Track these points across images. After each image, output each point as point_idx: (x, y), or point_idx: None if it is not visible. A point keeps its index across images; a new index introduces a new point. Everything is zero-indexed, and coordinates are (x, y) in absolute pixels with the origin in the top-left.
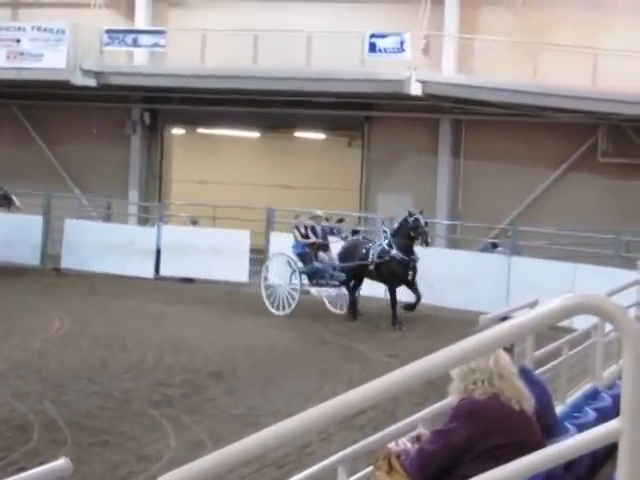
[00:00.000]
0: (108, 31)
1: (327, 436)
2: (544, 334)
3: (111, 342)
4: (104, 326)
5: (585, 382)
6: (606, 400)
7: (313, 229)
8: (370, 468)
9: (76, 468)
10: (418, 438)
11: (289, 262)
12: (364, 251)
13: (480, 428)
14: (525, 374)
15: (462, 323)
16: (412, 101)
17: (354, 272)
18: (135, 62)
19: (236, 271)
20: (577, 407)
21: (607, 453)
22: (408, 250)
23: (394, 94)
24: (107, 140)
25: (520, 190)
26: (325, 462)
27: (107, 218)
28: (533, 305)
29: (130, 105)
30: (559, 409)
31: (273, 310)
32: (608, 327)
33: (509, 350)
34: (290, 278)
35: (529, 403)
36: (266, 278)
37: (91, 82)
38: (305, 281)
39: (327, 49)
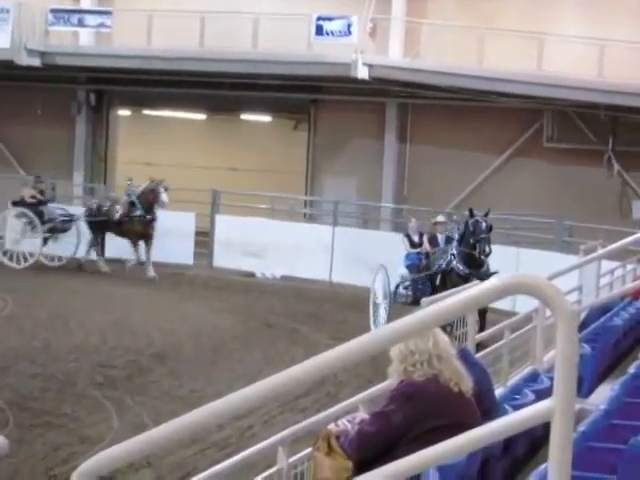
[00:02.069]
0: (53, 11)
1: (269, 418)
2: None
3: (55, 323)
4: (48, 307)
5: (526, 365)
6: (545, 382)
7: (432, 238)
8: (310, 449)
9: (17, 449)
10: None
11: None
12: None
13: (419, 410)
14: (464, 356)
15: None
16: (359, 84)
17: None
18: (81, 42)
19: (181, 253)
20: (516, 389)
21: (546, 434)
22: (471, 261)
23: (340, 77)
24: (52, 121)
25: (466, 174)
26: (265, 442)
27: (52, 200)
28: None
29: (75, 86)
30: (499, 392)
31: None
32: (549, 312)
33: (448, 332)
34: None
35: (468, 385)
36: (375, 295)
37: (36, 62)
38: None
39: (274, 32)
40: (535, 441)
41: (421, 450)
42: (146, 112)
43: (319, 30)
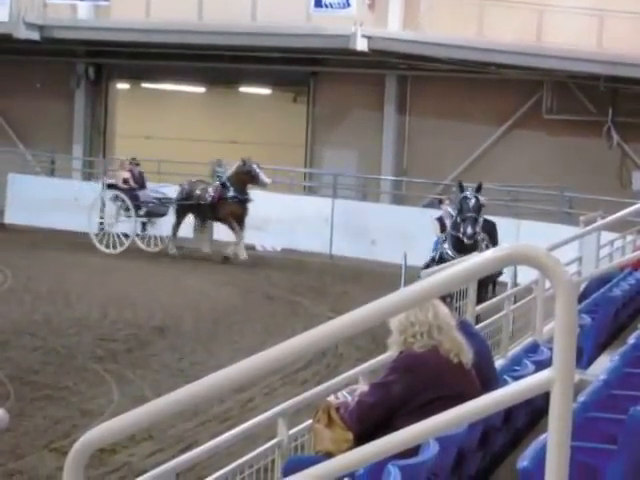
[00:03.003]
0: None
1: (270, 391)
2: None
3: (55, 297)
4: (48, 281)
5: (526, 337)
6: (545, 353)
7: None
8: (310, 421)
9: (19, 422)
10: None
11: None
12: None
13: (418, 381)
14: (464, 327)
15: (406, 278)
16: (358, 57)
17: None
18: (79, 16)
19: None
20: (517, 361)
21: (546, 406)
22: (459, 244)
23: (340, 49)
24: (51, 94)
25: (465, 146)
26: (265, 414)
27: (51, 173)
28: None
29: (74, 59)
30: (499, 363)
31: None
32: (549, 283)
33: (448, 303)
34: None
35: (468, 356)
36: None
37: (34, 36)
38: None
39: (273, 4)
40: (535, 412)
41: (420, 421)
42: (145, 85)
43: (318, 2)
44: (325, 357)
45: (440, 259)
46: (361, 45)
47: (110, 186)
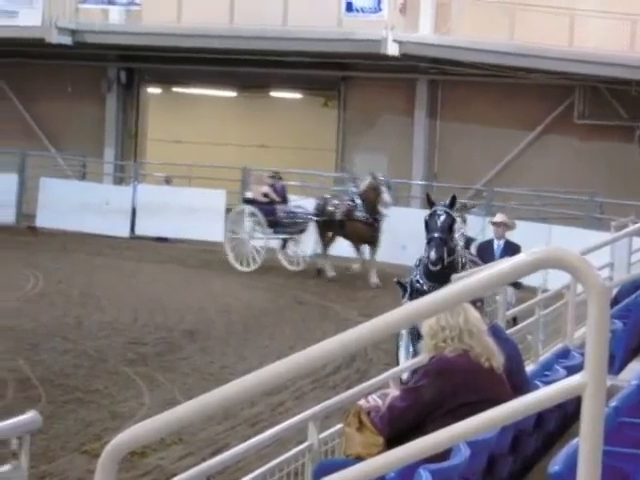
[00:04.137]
0: None
1: (300, 395)
2: (518, 296)
3: (85, 301)
4: (79, 285)
5: (557, 342)
6: (576, 359)
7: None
8: (340, 425)
9: (50, 425)
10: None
11: None
12: None
13: (450, 385)
14: (496, 332)
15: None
16: (389, 61)
17: None
18: (111, 20)
19: (211, 231)
20: (548, 366)
21: (577, 411)
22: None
23: (371, 54)
24: (83, 98)
25: (496, 151)
26: (296, 418)
27: (82, 177)
28: None
29: (106, 64)
30: (530, 368)
31: None
32: (581, 288)
33: (479, 308)
34: None
35: (499, 360)
36: None
37: (66, 40)
38: None
39: (304, 8)
40: (566, 417)
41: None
42: (176, 89)
43: (349, 6)
44: (355, 362)
45: (411, 289)
46: (392, 50)
47: (248, 201)
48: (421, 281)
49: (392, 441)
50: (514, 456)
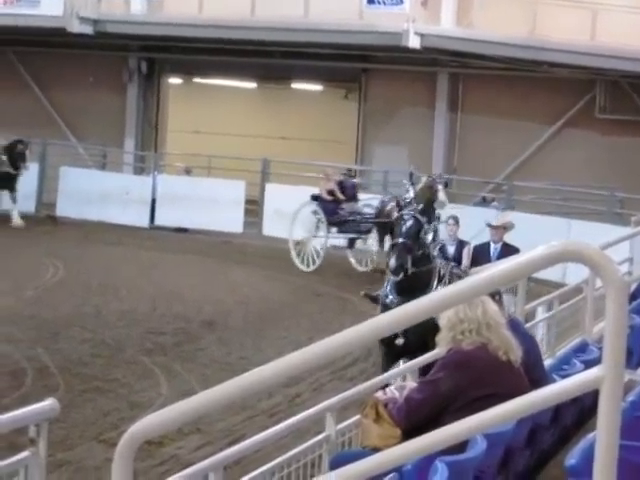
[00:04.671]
0: None
1: (318, 386)
2: (536, 290)
3: (104, 290)
4: (98, 274)
5: (575, 336)
6: (594, 353)
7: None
8: (358, 417)
9: (67, 414)
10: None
11: None
12: None
13: (467, 378)
14: (514, 326)
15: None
16: (410, 54)
17: None
18: (132, 10)
19: (231, 222)
20: (565, 360)
21: (594, 405)
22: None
23: (392, 47)
24: (103, 88)
25: (516, 145)
26: (313, 409)
27: (102, 167)
28: None
29: (127, 54)
30: (548, 362)
31: None
32: (599, 283)
33: (497, 301)
34: None
35: (517, 354)
36: None
37: (88, 30)
38: None
39: (325, 0)
40: (583, 412)
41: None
42: (197, 80)
43: None
44: (372, 355)
45: (381, 303)
46: (413, 42)
47: (314, 198)
48: (389, 294)
49: (409, 433)
50: (531, 449)
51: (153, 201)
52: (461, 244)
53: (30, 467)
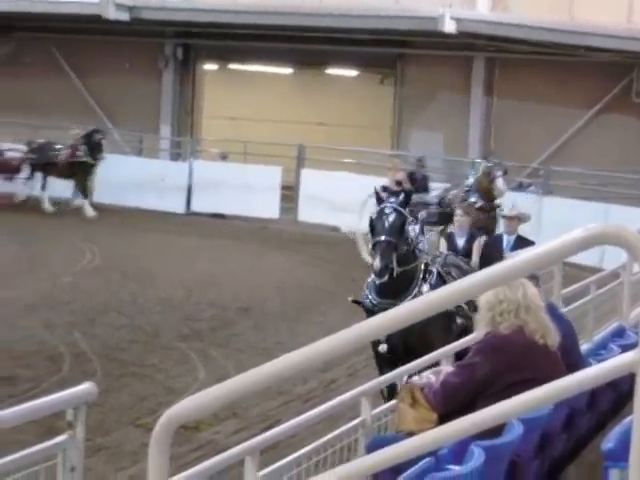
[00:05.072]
0: None
1: (354, 372)
2: (573, 275)
3: (141, 276)
4: (134, 261)
5: (612, 321)
6: (632, 338)
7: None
8: (393, 401)
9: (105, 399)
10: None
11: None
12: None
13: (503, 362)
14: (551, 310)
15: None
16: (446, 39)
17: None
18: None
19: (267, 207)
20: (602, 345)
21: (631, 391)
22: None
23: (428, 31)
24: (139, 75)
25: (553, 129)
26: (349, 394)
27: (139, 153)
28: None
29: (163, 40)
30: (585, 347)
31: None
32: (637, 268)
33: (536, 285)
34: None
35: (554, 338)
36: None
37: (124, 16)
38: None
39: None
40: (620, 397)
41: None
42: (232, 66)
43: None
44: None
45: (365, 307)
46: (449, 27)
47: (383, 189)
48: (370, 297)
49: (445, 418)
50: (568, 434)
51: (189, 187)
52: (472, 236)
53: (68, 450)
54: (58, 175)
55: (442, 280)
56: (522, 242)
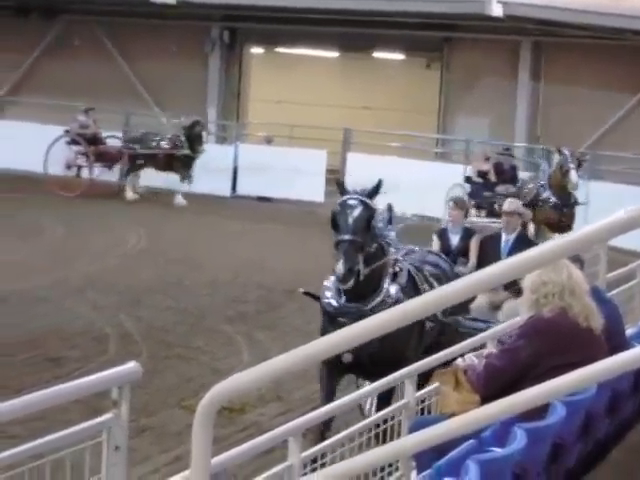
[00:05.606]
0: None
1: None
2: (618, 259)
3: (187, 259)
4: (180, 243)
5: None
6: None
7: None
8: (437, 384)
9: (150, 380)
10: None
11: None
12: None
13: (547, 346)
14: (595, 293)
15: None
16: (493, 22)
17: None
18: None
19: (312, 191)
20: None
21: None
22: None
23: (474, 15)
24: (186, 58)
25: (600, 114)
26: (393, 376)
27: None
28: None
29: (209, 23)
30: (630, 331)
31: None
32: None
33: (580, 268)
34: None
35: (598, 321)
36: None
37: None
38: None
39: None
40: None
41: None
42: (279, 50)
43: None
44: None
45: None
46: (496, 10)
47: (467, 179)
48: (333, 302)
49: (488, 400)
50: (611, 418)
51: (235, 170)
52: (467, 233)
53: (113, 429)
54: (157, 167)
55: (413, 280)
56: (522, 242)
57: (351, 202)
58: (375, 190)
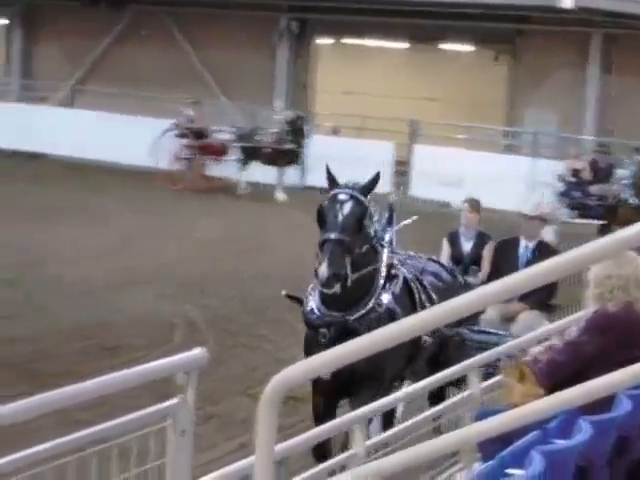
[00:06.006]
0: None
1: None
2: None
3: (249, 249)
4: (247, 233)
5: None
6: None
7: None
8: (500, 376)
9: (215, 368)
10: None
11: None
12: None
13: (611, 341)
14: None
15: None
16: (563, 14)
17: None
18: None
19: (379, 182)
20: None
21: None
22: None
23: (545, 7)
24: (253, 48)
25: None
26: (455, 368)
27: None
28: None
29: (278, 14)
30: None
31: None
32: None
33: None
34: None
35: None
36: None
37: None
38: None
39: None
40: None
41: None
42: (347, 41)
43: None
44: None
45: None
46: (567, 2)
47: (560, 178)
48: (315, 310)
49: (552, 394)
50: None
51: (304, 161)
52: (481, 239)
53: (179, 414)
54: (263, 161)
55: (409, 289)
56: (544, 250)
57: (341, 197)
58: (370, 185)
